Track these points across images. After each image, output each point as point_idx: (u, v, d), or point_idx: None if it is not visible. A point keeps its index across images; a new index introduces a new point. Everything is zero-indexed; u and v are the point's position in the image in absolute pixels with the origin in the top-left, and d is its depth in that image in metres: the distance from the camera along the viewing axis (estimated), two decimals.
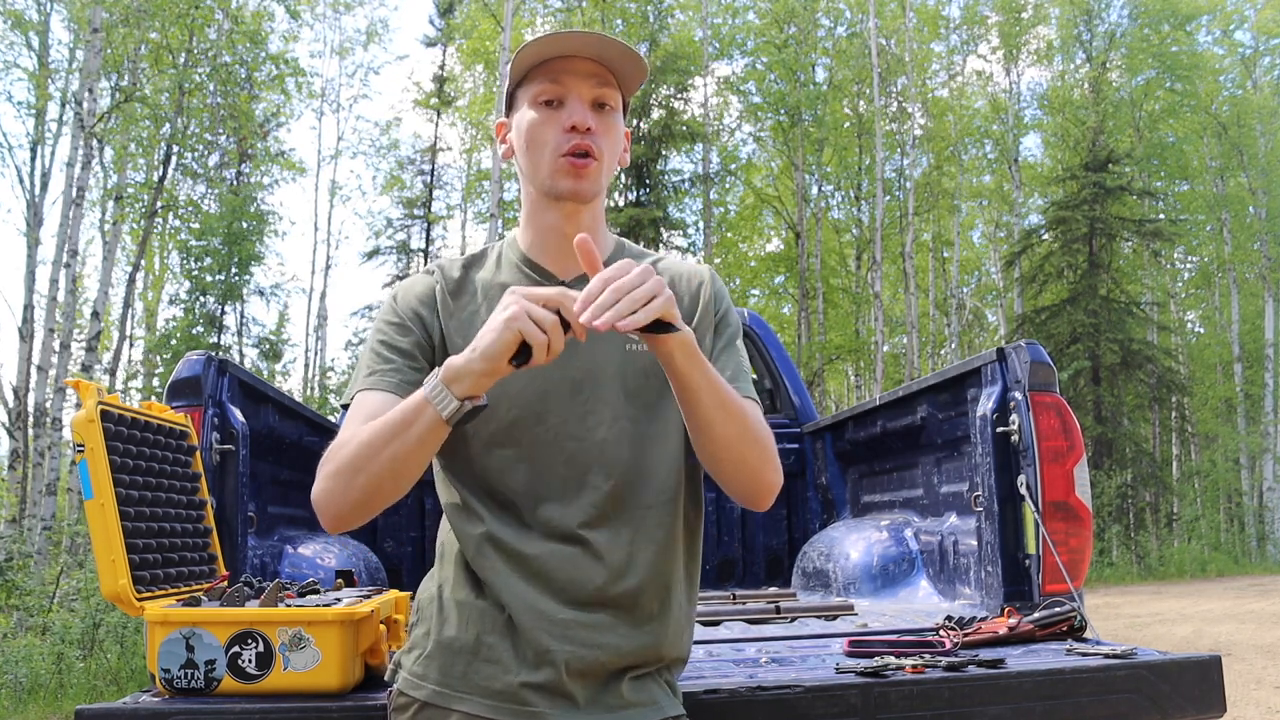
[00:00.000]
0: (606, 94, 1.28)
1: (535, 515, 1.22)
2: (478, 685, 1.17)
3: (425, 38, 22.68)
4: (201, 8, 12.01)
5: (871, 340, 19.61)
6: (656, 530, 1.26)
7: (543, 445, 1.24)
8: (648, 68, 1.31)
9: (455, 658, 1.19)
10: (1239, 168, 21.50)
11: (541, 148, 1.27)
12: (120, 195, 13.83)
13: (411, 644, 1.26)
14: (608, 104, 1.29)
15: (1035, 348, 2.17)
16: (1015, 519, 2.16)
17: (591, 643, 1.18)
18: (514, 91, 1.33)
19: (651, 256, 1.41)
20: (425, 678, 1.20)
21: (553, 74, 1.26)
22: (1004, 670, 1.60)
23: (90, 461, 1.57)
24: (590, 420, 1.25)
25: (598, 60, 1.27)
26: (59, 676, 5.69)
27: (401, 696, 1.22)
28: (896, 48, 20.51)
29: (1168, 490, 19.62)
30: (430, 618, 1.25)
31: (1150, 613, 9.55)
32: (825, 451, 3.63)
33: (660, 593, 1.25)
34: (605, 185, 1.32)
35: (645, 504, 1.25)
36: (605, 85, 1.28)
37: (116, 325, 14.88)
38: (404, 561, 3.48)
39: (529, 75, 1.29)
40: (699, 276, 1.39)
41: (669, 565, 1.27)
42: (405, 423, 1.10)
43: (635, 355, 1.28)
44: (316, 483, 1.18)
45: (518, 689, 1.16)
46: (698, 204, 19.50)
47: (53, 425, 10.00)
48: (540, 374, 1.21)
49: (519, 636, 1.18)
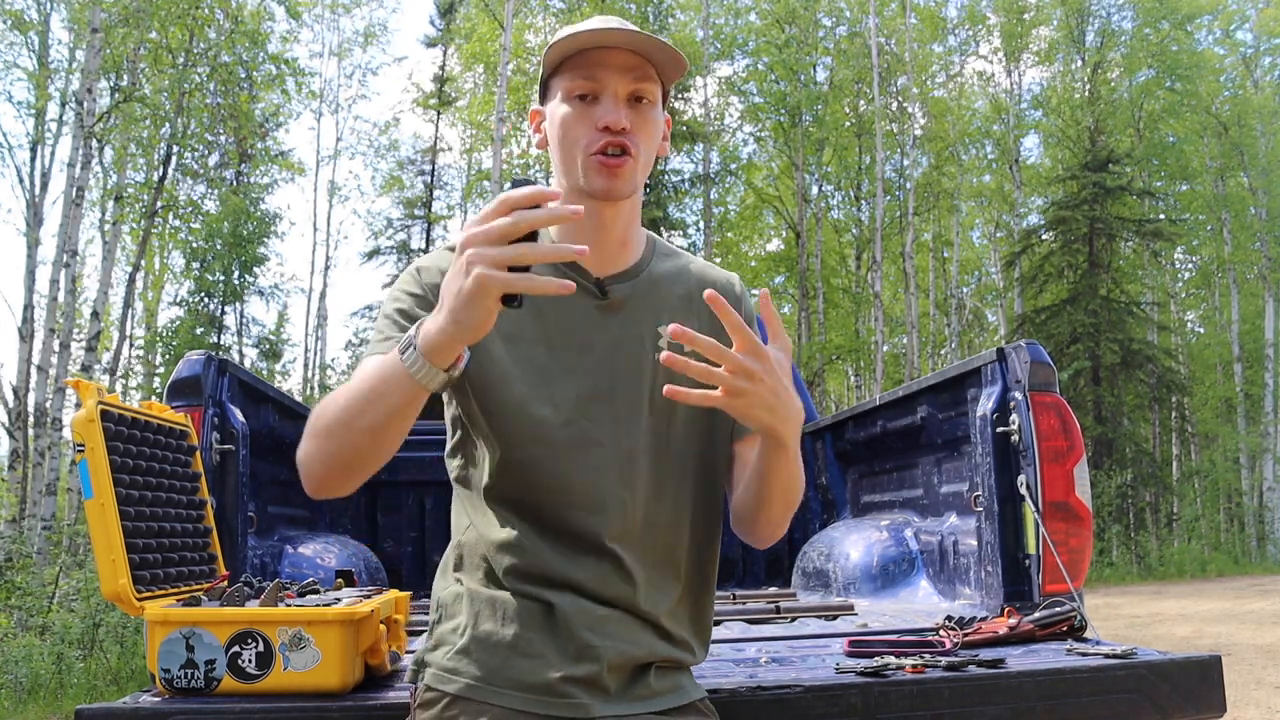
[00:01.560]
0: (644, 88, 1.22)
1: (561, 521, 1.20)
2: (515, 679, 1.14)
3: (425, 38, 22.70)
4: (201, 8, 12.01)
5: (871, 340, 19.61)
6: (668, 551, 1.25)
7: (569, 448, 1.21)
8: (688, 63, 1.25)
9: (492, 652, 1.16)
10: (1239, 168, 21.49)
11: (574, 145, 1.22)
12: (120, 195, 13.83)
13: (438, 640, 1.22)
14: (645, 98, 1.23)
15: (1035, 348, 2.17)
16: (1015, 519, 2.16)
17: (629, 638, 1.18)
18: (548, 80, 1.27)
19: (682, 257, 1.37)
20: (458, 672, 1.16)
21: (588, 67, 1.21)
22: (1004, 670, 1.60)
23: (90, 461, 1.57)
24: (621, 428, 1.23)
25: (635, 51, 1.21)
26: (59, 676, 5.69)
27: (430, 691, 1.18)
28: (896, 48, 20.51)
29: (1168, 490, 19.62)
30: (460, 614, 1.21)
31: (1150, 613, 9.55)
32: (825, 451, 3.63)
33: (675, 613, 1.25)
34: (641, 182, 1.26)
35: (659, 524, 1.24)
36: (643, 79, 1.22)
37: (116, 325, 14.88)
38: (404, 561, 3.48)
39: (564, 65, 1.23)
40: (732, 289, 1.37)
41: (678, 586, 1.27)
42: (385, 390, 1.04)
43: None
44: (301, 443, 1.14)
45: (558, 682, 1.14)
46: (698, 204, 19.53)
47: (53, 425, 10.00)
48: (572, 377, 1.21)
49: (560, 632, 1.16)
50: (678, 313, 1.27)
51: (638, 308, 1.27)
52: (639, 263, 1.30)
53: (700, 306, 1.27)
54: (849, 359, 21.48)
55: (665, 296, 1.30)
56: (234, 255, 15.48)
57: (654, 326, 1.24)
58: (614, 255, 1.28)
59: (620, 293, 1.26)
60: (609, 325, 1.25)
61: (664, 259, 1.35)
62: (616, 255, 1.28)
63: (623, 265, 1.28)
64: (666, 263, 1.34)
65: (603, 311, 1.25)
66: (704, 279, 1.35)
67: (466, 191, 22.19)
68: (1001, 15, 21.38)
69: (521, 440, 1.20)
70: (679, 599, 1.27)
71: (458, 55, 21.03)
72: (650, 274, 1.30)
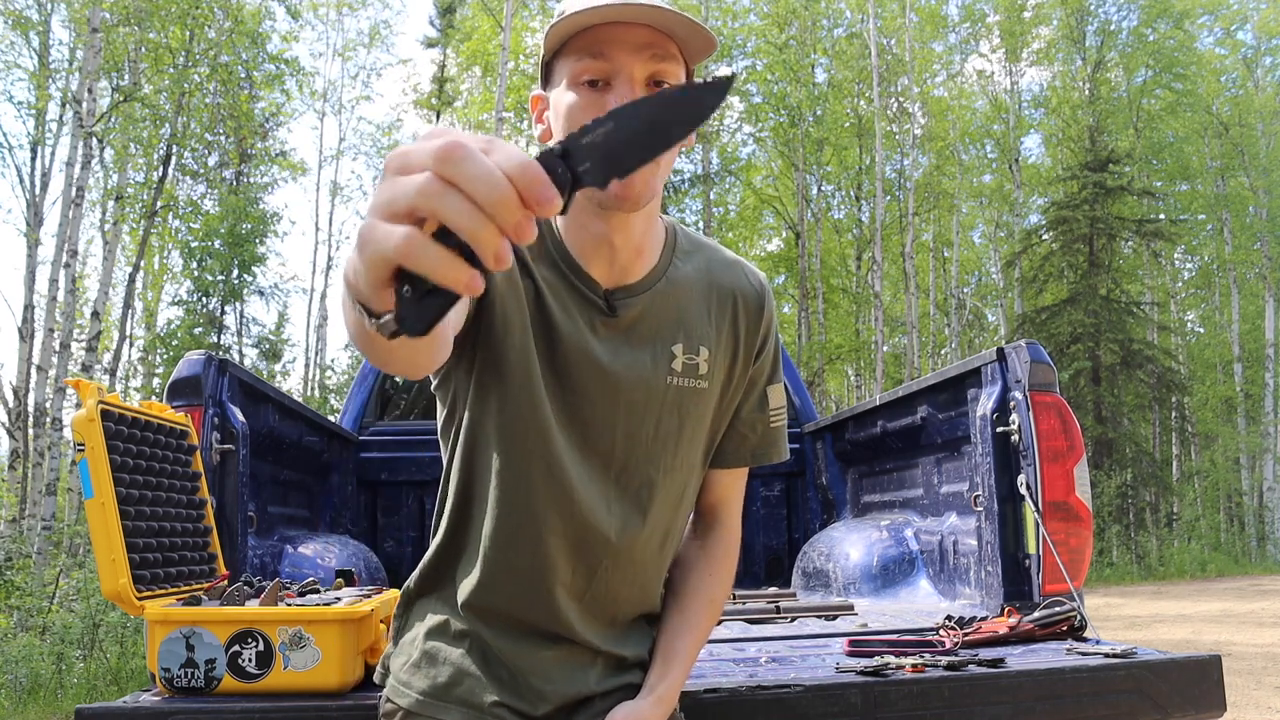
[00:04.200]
0: (665, 69, 1.03)
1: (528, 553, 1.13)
2: (461, 698, 1.12)
3: (425, 39, 22.71)
4: (201, 8, 12.01)
5: (871, 340, 19.60)
6: (644, 583, 1.21)
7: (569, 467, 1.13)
8: (716, 41, 1.05)
9: (440, 669, 1.14)
10: (1239, 168, 21.49)
11: None
12: (120, 195, 13.83)
13: (399, 648, 1.20)
14: (666, 82, 1.03)
15: (1035, 348, 2.17)
16: (1015, 519, 2.16)
17: (567, 680, 1.14)
18: (551, 61, 1.09)
19: (705, 250, 1.22)
20: (410, 686, 1.15)
21: (598, 46, 1.02)
22: (1004, 670, 1.60)
23: (90, 461, 1.57)
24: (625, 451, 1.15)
25: (653, 26, 1.01)
26: (59, 676, 5.69)
27: (388, 703, 1.17)
28: (896, 48, 20.51)
29: (1168, 490, 19.61)
30: (414, 624, 1.20)
31: (1150, 613, 9.54)
32: (825, 451, 3.63)
33: (641, 644, 1.21)
34: (661, 185, 1.09)
35: (639, 560, 1.18)
36: (664, 59, 1.02)
37: (116, 325, 14.88)
38: (404, 561, 3.48)
39: (570, 43, 1.05)
40: (759, 288, 1.23)
41: (652, 617, 1.24)
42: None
43: (673, 389, 1.15)
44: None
45: (495, 706, 1.11)
46: (698, 204, 19.53)
47: (53, 425, 10.00)
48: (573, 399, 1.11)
49: (502, 669, 1.13)
50: (694, 325, 1.17)
51: (649, 325, 1.14)
52: (653, 272, 1.16)
53: (720, 310, 1.19)
54: (849, 359, 21.47)
55: (682, 307, 1.17)
56: (233, 255, 15.48)
57: (665, 348, 1.15)
58: (627, 266, 1.13)
59: (630, 309, 1.13)
60: (616, 345, 1.13)
61: (685, 258, 1.19)
62: (630, 266, 1.13)
63: (636, 276, 1.14)
64: (687, 264, 1.19)
65: (610, 330, 1.12)
66: (729, 284, 1.21)
67: None
68: (1001, 14, 21.38)
69: (521, 456, 1.11)
70: (646, 626, 1.23)
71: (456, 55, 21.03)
72: (667, 282, 1.16)
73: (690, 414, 1.16)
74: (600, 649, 1.16)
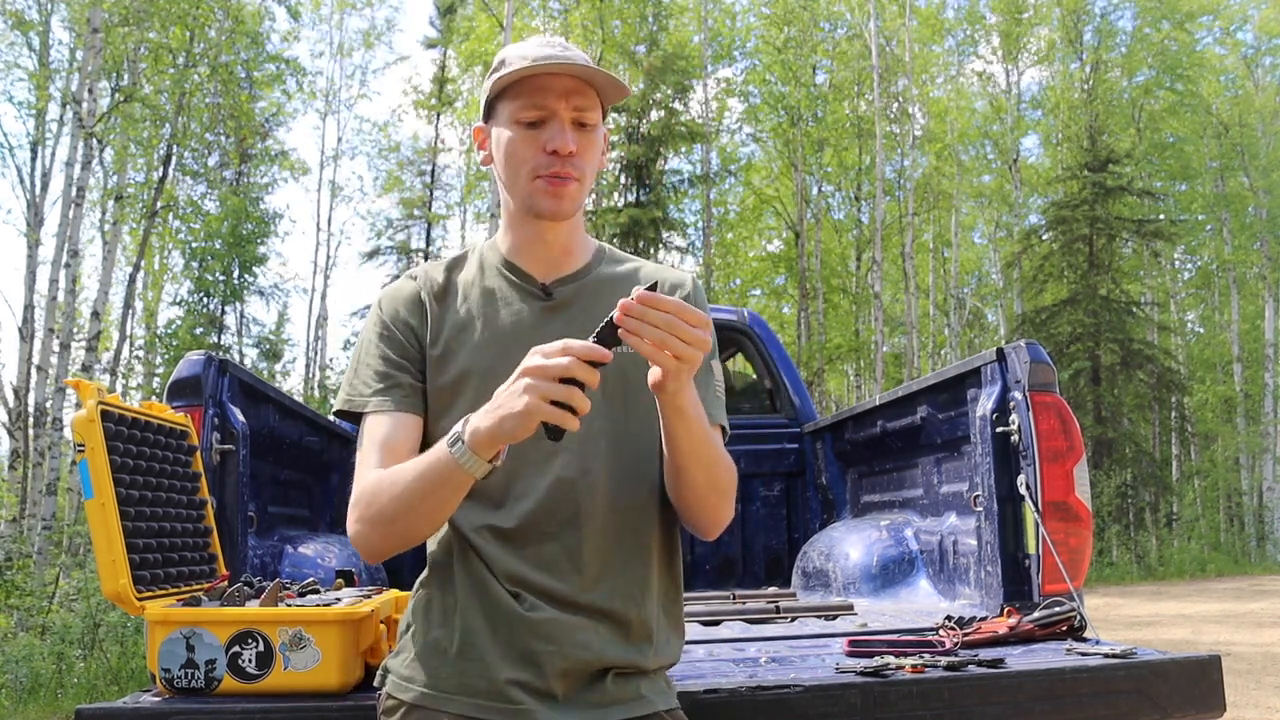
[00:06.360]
0: (586, 114, 1.29)
1: (511, 513, 1.23)
2: (464, 685, 1.18)
3: (425, 39, 22.70)
4: (202, 8, 12.01)
5: (871, 340, 19.60)
6: (630, 535, 1.26)
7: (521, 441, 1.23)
8: (629, 89, 1.35)
9: (441, 659, 1.20)
10: (1239, 168, 21.48)
11: (520, 166, 1.28)
12: (120, 195, 13.83)
13: (400, 648, 1.27)
14: (587, 123, 1.29)
15: (1035, 348, 2.17)
16: (1015, 519, 2.16)
17: (577, 641, 1.19)
18: (493, 101, 1.33)
19: (633, 262, 1.42)
20: (413, 680, 1.20)
21: (532, 93, 1.26)
22: (1004, 670, 1.60)
23: (90, 461, 1.57)
24: None
25: (578, 77, 1.27)
26: (59, 676, 5.69)
27: (390, 699, 1.23)
28: (896, 48, 20.51)
29: (1167, 490, 19.60)
30: (417, 620, 1.26)
31: (1150, 613, 9.55)
32: (825, 451, 3.63)
33: (636, 600, 1.25)
34: (583, 201, 1.35)
35: (619, 507, 1.26)
36: (585, 107, 1.28)
37: (116, 325, 14.88)
38: (404, 561, 3.47)
39: (510, 89, 1.29)
40: (682, 285, 1.39)
41: (644, 572, 1.27)
42: (437, 482, 1.13)
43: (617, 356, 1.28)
44: (351, 524, 1.22)
45: (503, 686, 1.16)
46: (697, 204, 19.52)
47: (53, 425, 10.00)
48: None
49: (501, 635, 1.19)
50: None
51: (582, 306, 1.33)
52: (584, 268, 1.38)
53: None
54: (849, 359, 21.47)
55: (613, 293, 1.26)
56: (233, 255, 15.48)
57: (598, 320, 1.25)
58: (558, 262, 1.36)
59: (564, 294, 1.35)
60: (554, 323, 1.30)
61: (612, 264, 1.41)
62: (560, 262, 1.36)
63: (567, 270, 1.36)
64: (615, 267, 1.41)
65: (549, 311, 1.33)
66: (652, 275, 1.38)
67: (466, 191, 22.20)
68: (1000, 15, 21.37)
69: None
70: (647, 584, 1.27)
71: (456, 55, 21.02)
72: (597, 276, 1.37)
73: (632, 377, 1.27)
74: (602, 608, 1.22)
